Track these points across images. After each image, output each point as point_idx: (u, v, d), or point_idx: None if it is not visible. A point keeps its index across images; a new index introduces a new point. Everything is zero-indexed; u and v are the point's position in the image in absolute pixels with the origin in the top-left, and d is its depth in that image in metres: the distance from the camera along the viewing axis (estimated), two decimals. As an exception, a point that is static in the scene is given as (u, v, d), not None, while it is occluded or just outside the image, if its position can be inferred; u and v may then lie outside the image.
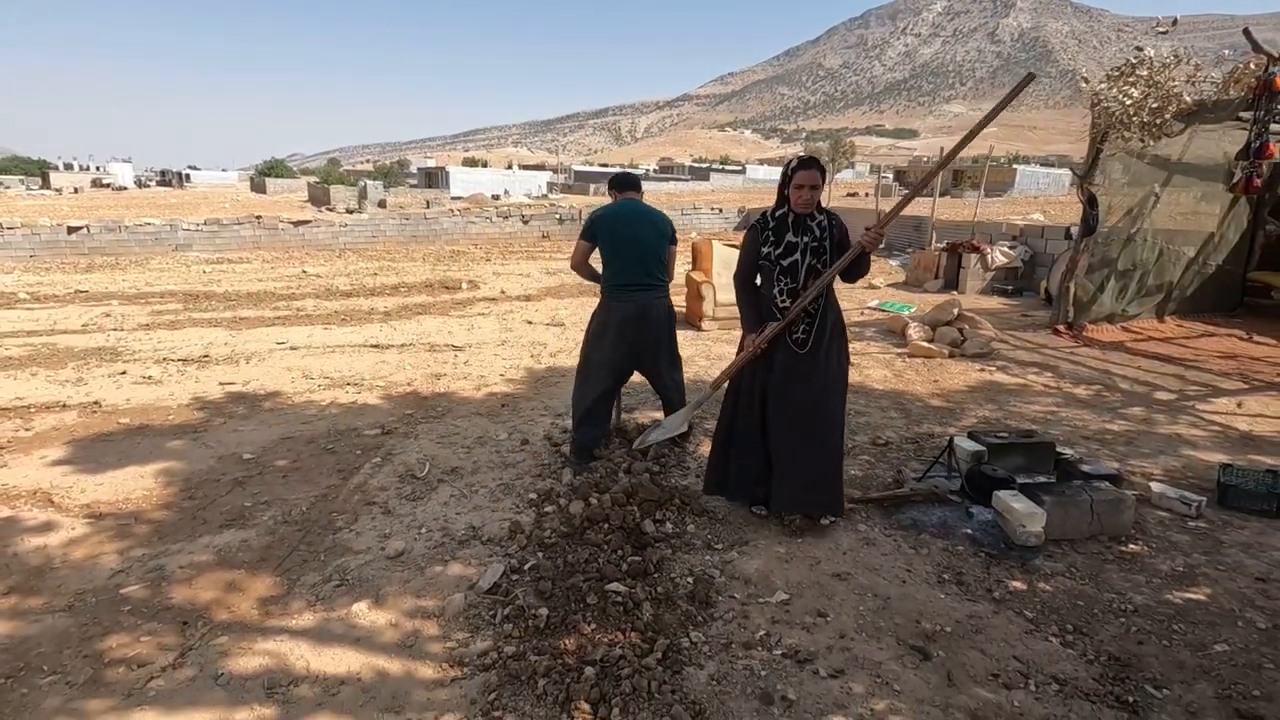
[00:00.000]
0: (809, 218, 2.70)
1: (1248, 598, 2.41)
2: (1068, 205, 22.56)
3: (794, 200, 2.66)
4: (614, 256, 3.43)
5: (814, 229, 2.70)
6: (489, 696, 1.92)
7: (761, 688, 1.95)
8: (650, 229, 3.46)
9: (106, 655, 2.11)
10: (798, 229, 2.70)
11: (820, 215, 2.71)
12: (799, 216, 2.70)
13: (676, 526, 2.88)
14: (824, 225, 2.71)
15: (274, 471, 3.47)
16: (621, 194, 3.58)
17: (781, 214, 2.73)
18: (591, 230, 3.42)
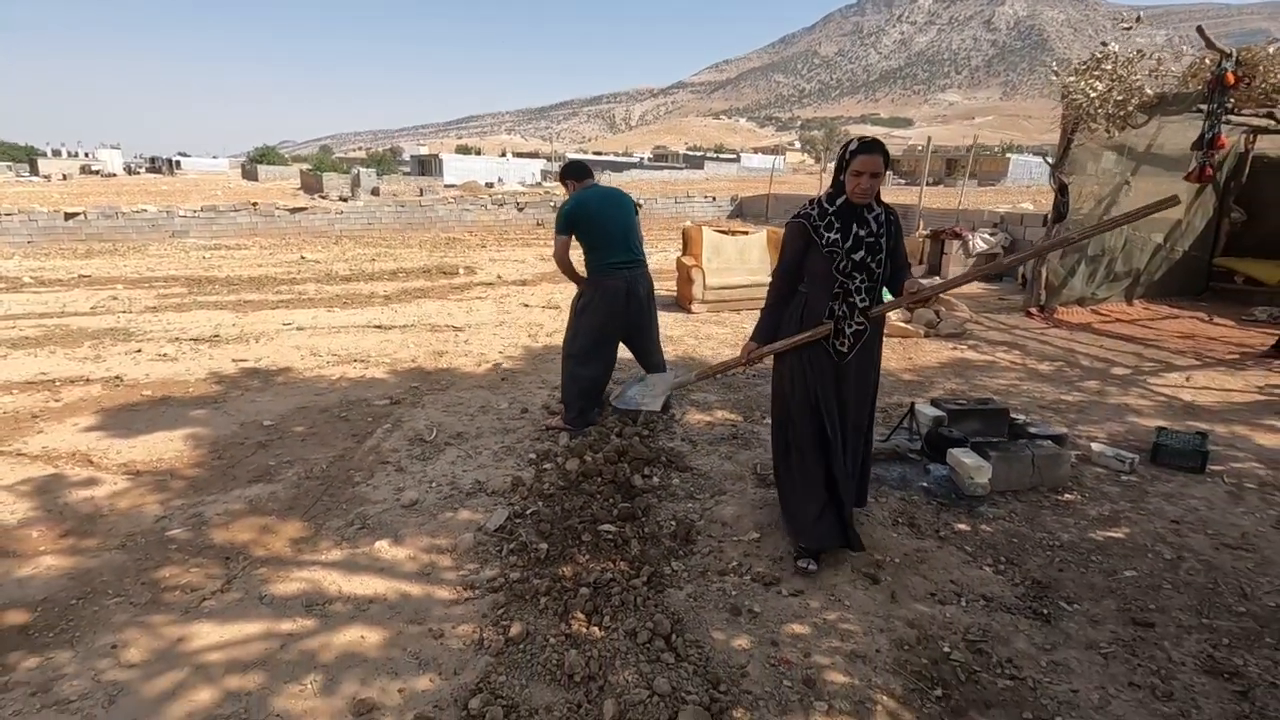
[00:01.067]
0: (866, 209, 2.35)
1: (1161, 535, 2.75)
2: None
3: (850, 188, 2.29)
4: (596, 242, 3.67)
5: (870, 223, 2.35)
6: (497, 611, 2.23)
7: (732, 603, 2.28)
8: (619, 209, 3.72)
9: (161, 583, 2.42)
10: (863, 222, 2.35)
11: (878, 208, 2.37)
12: (855, 207, 2.34)
13: (663, 480, 3.20)
14: (881, 220, 2.37)
15: (293, 436, 3.76)
16: (580, 182, 3.75)
17: (843, 202, 2.34)
18: (569, 223, 3.60)
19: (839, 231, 2.34)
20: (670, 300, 7.66)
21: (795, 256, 2.44)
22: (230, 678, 1.95)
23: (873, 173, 2.26)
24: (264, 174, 40.93)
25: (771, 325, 2.53)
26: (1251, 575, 2.49)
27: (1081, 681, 1.96)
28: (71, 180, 38.85)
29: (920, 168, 40.64)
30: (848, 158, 2.28)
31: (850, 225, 2.34)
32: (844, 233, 2.34)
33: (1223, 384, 4.79)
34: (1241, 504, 3.04)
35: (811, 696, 1.88)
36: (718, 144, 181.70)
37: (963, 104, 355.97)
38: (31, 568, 2.49)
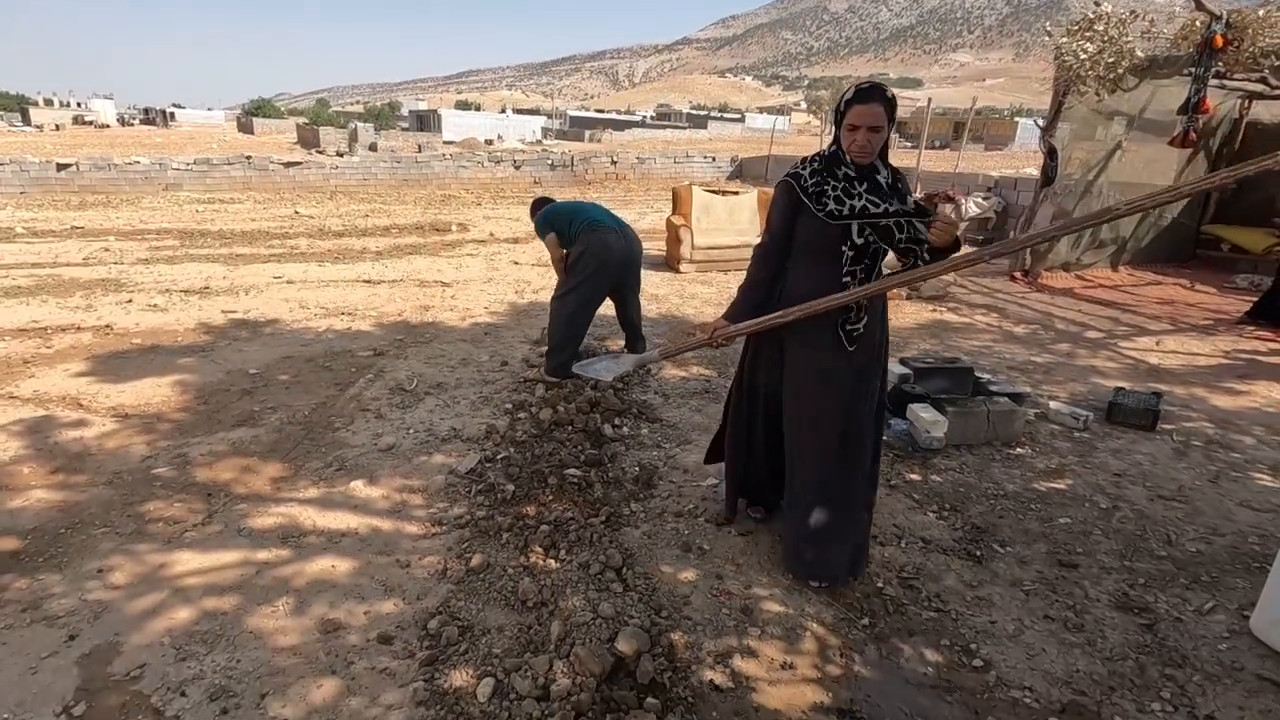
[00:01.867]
0: (872, 170, 1.96)
1: (1100, 487, 2.88)
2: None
3: (846, 144, 1.92)
4: (576, 213, 3.91)
5: (876, 184, 1.96)
6: (462, 545, 2.37)
7: (684, 541, 2.42)
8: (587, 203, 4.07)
9: (146, 516, 2.55)
10: (871, 184, 1.96)
11: (884, 169, 1.98)
12: (863, 169, 1.95)
13: (632, 430, 3.32)
14: (889, 182, 1.98)
15: (277, 384, 3.88)
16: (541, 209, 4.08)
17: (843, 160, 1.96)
18: (549, 224, 3.89)
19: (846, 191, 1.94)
20: (660, 260, 7.70)
21: (783, 224, 2.02)
22: (208, 599, 2.10)
23: (871, 126, 1.86)
24: (260, 127, 40.22)
25: (750, 306, 2.11)
26: (1179, 524, 2.63)
27: (1000, 614, 2.10)
28: (64, 131, 38.19)
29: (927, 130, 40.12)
30: (843, 108, 1.90)
31: (851, 186, 1.94)
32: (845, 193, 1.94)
33: (1191, 348, 4.88)
34: (1185, 460, 3.17)
35: (747, 623, 2.03)
36: (722, 103, 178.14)
37: (974, 65, 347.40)
38: (22, 500, 2.62)
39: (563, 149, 23.32)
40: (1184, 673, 1.88)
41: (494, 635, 1.94)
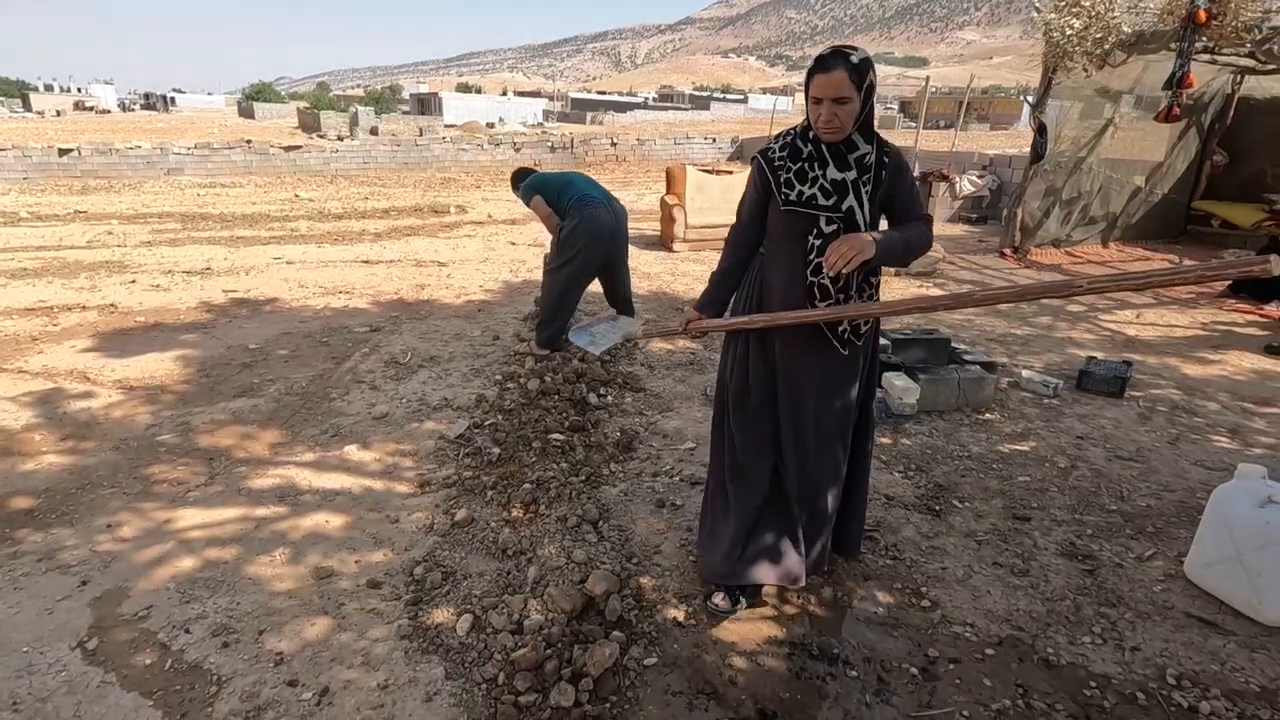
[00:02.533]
0: (846, 148, 1.69)
1: (1062, 448, 3.00)
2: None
3: (813, 120, 1.67)
4: (565, 185, 3.98)
5: (851, 164, 1.69)
6: (449, 502, 2.51)
7: (659, 498, 2.55)
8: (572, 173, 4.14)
9: (151, 477, 2.70)
10: (840, 162, 1.70)
11: (865, 146, 1.70)
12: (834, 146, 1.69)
13: (616, 399, 3.45)
14: (868, 161, 1.70)
15: (276, 358, 4.01)
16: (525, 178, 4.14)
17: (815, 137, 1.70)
18: (536, 187, 3.99)
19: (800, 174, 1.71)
20: (654, 239, 7.79)
21: (753, 206, 1.83)
22: (210, 550, 2.24)
23: (835, 98, 1.59)
24: (260, 112, 40.12)
25: (719, 294, 1.97)
26: (1133, 482, 2.75)
27: (952, 561, 2.23)
28: (65, 117, 38.20)
29: (931, 109, 39.57)
30: (806, 80, 1.66)
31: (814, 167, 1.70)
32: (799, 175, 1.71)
33: (1169, 320, 4.97)
34: (1147, 424, 3.28)
35: (712, 569, 2.16)
36: (725, 84, 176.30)
37: (981, 43, 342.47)
38: (35, 464, 2.77)
39: (563, 132, 23.26)
40: (1117, 611, 2.01)
41: (475, 579, 2.08)
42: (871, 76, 1.64)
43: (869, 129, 1.71)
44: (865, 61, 1.63)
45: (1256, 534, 1.90)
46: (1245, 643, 1.90)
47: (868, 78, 1.63)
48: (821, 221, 1.72)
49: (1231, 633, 1.93)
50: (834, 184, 1.70)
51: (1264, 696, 1.72)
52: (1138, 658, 1.84)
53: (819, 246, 1.72)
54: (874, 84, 1.66)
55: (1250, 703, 1.70)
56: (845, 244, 1.60)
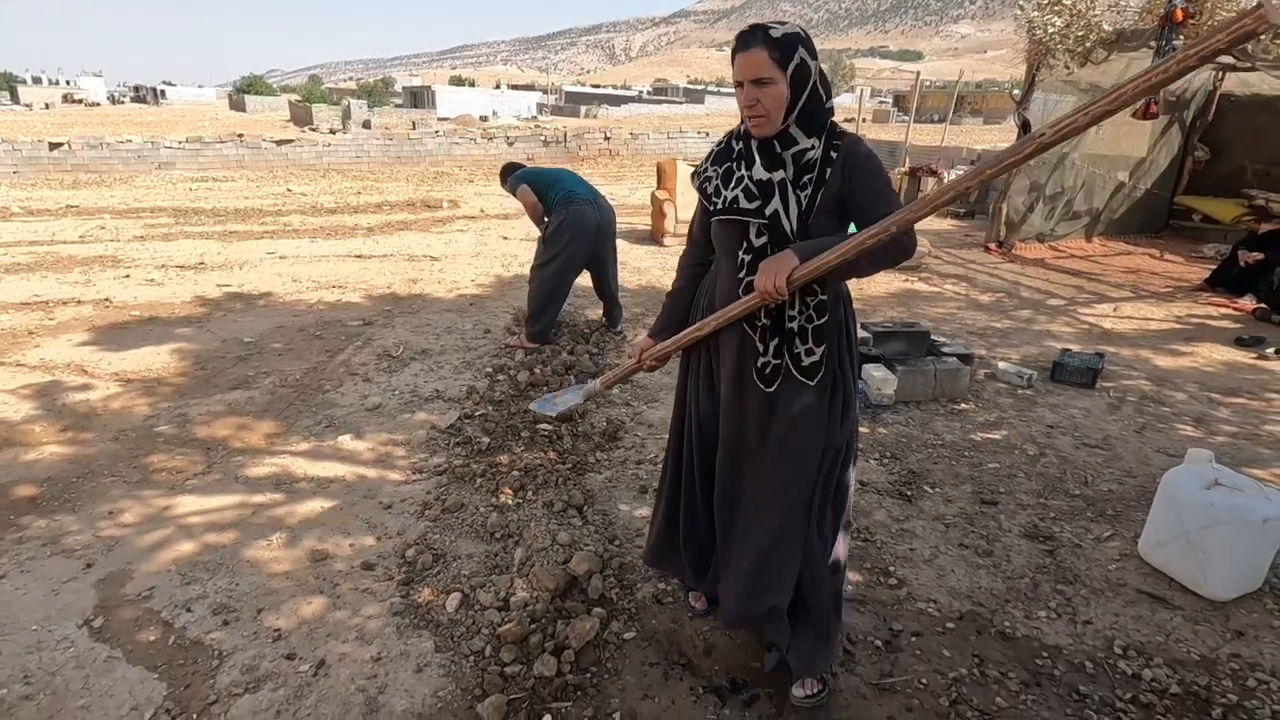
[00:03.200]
0: (781, 143, 1.44)
1: (1032, 436, 3.12)
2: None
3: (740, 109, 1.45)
4: (552, 181, 4.06)
5: (785, 162, 1.45)
6: (439, 489, 2.61)
7: (642, 484, 2.66)
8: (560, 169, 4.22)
9: (150, 467, 2.78)
10: (768, 159, 1.46)
11: (807, 141, 1.44)
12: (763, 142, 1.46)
13: (603, 391, 3.54)
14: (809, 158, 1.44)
15: (270, 351, 4.09)
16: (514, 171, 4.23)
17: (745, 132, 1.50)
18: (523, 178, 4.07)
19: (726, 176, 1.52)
20: (646, 234, 7.87)
21: (699, 217, 1.66)
22: (209, 535, 2.33)
23: (754, 79, 1.37)
24: (252, 105, 39.91)
25: (671, 317, 1.78)
26: (1098, 468, 2.86)
27: (920, 543, 2.34)
28: (54, 109, 37.92)
29: (924, 103, 39.62)
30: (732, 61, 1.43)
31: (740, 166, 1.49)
32: (725, 178, 1.52)
33: (1146, 314, 5.10)
34: (1116, 413, 3.40)
35: (691, 551, 2.27)
36: (719, 77, 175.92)
37: (976, 36, 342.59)
38: (36, 454, 2.85)
39: (557, 125, 23.27)
40: (1073, 588, 2.13)
41: (464, 561, 2.18)
42: (802, 56, 1.38)
43: (814, 122, 1.43)
44: (791, 37, 1.37)
45: (1202, 514, 2.02)
46: (1190, 616, 2.01)
47: (794, 56, 1.37)
48: (751, 231, 1.48)
49: (1178, 607, 2.05)
50: (759, 185, 1.45)
51: (1203, 665, 1.83)
52: (1089, 630, 1.95)
53: (748, 263, 1.49)
54: (806, 66, 1.38)
55: (1190, 670, 1.81)
56: (763, 273, 1.40)
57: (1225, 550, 1.99)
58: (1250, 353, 4.30)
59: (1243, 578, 2.04)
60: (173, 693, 1.70)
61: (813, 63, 1.41)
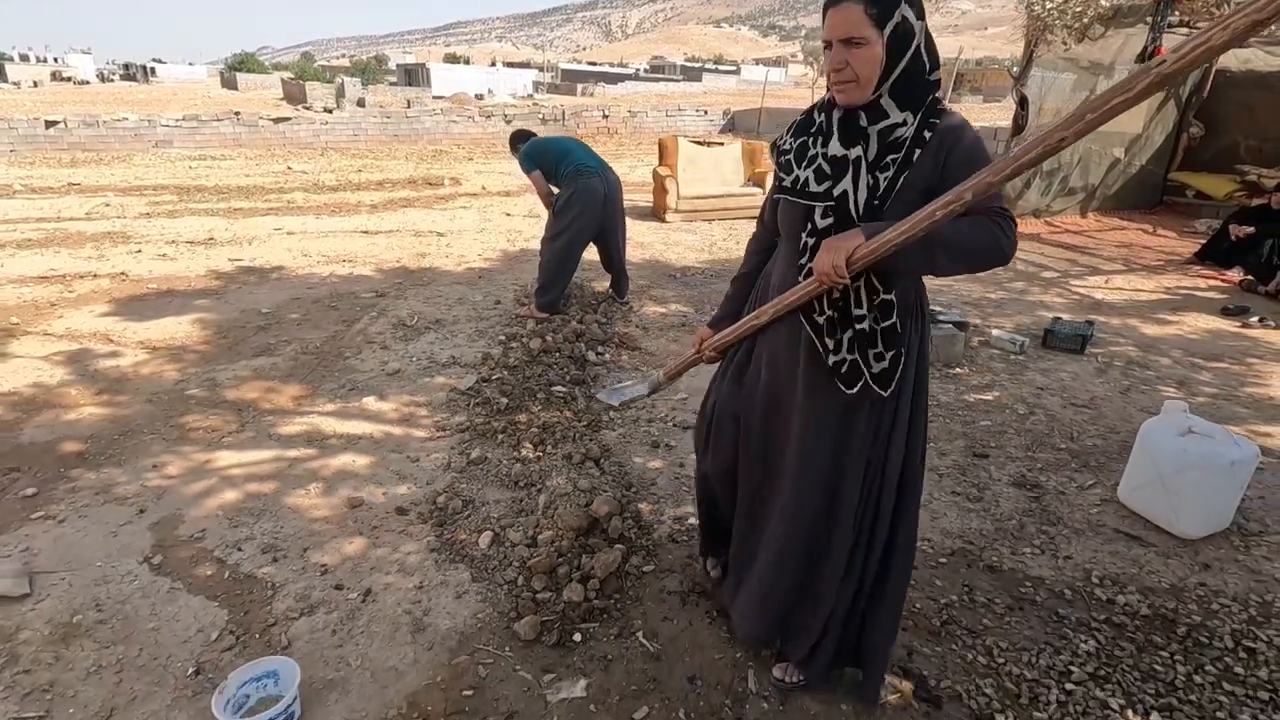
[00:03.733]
0: (868, 116, 1.27)
1: (1023, 397, 3.28)
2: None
3: (829, 76, 1.29)
4: (562, 154, 4.17)
5: (868, 137, 1.27)
6: (463, 444, 2.76)
7: (654, 439, 2.81)
8: (569, 139, 4.33)
9: (186, 426, 2.92)
10: (846, 134, 1.30)
11: (899, 115, 1.25)
12: (846, 114, 1.30)
13: (613, 357, 3.70)
14: (898, 136, 1.26)
15: (289, 321, 4.22)
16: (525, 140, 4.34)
17: (829, 101, 1.33)
18: (534, 159, 4.17)
19: (800, 152, 1.36)
20: (647, 210, 7.97)
21: (769, 199, 1.53)
22: (250, 485, 2.49)
23: (844, 39, 1.22)
24: (244, 83, 39.41)
25: (730, 306, 1.68)
26: (1084, 425, 3.03)
27: (916, 490, 2.50)
28: (43, 87, 37.36)
29: (922, 82, 39.31)
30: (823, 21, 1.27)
31: (817, 143, 1.33)
32: (799, 154, 1.36)
33: (1136, 285, 5.25)
34: (1104, 377, 3.57)
35: (703, 498, 2.43)
36: (717, 54, 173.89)
37: (976, 12, 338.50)
38: (76, 415, 2.99)
39: (554, 103, 23.14)
40: (1056, 529, 2.30)
41: (491, 505, 2.34)
42: (905, 14, 1.20)
43: (912, 93, 1.24)
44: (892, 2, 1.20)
45: (1176, 459, 2.18)
46: (1162, 552, 2.19)
47: (894, 14, 1.20)
48: (816, 214, 1.31)
49: (1152, 544, 2.22)
50: (832, 162, 1.29)
51: (1172, 592, 2.01)
52: (1069, 564, 2.13)
53: (812, 247, 1.33)
54: (909, 26, 1.21)
55: (1160, 597, 1.99)
56: (824, 251, 1.24)
57: (1196, 492, 2.16)
58: (1235, 321, 4.47)
59: (1211, 517, 2.21)
60: (234, 618, 1.86)
61: (918, 23, 1.22)
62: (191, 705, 1.59)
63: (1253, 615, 1.90)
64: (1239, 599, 1.97)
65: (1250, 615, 1.90)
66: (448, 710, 1.58)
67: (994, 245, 1.24)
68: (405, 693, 1.62)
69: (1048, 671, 1.71)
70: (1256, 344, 4.11)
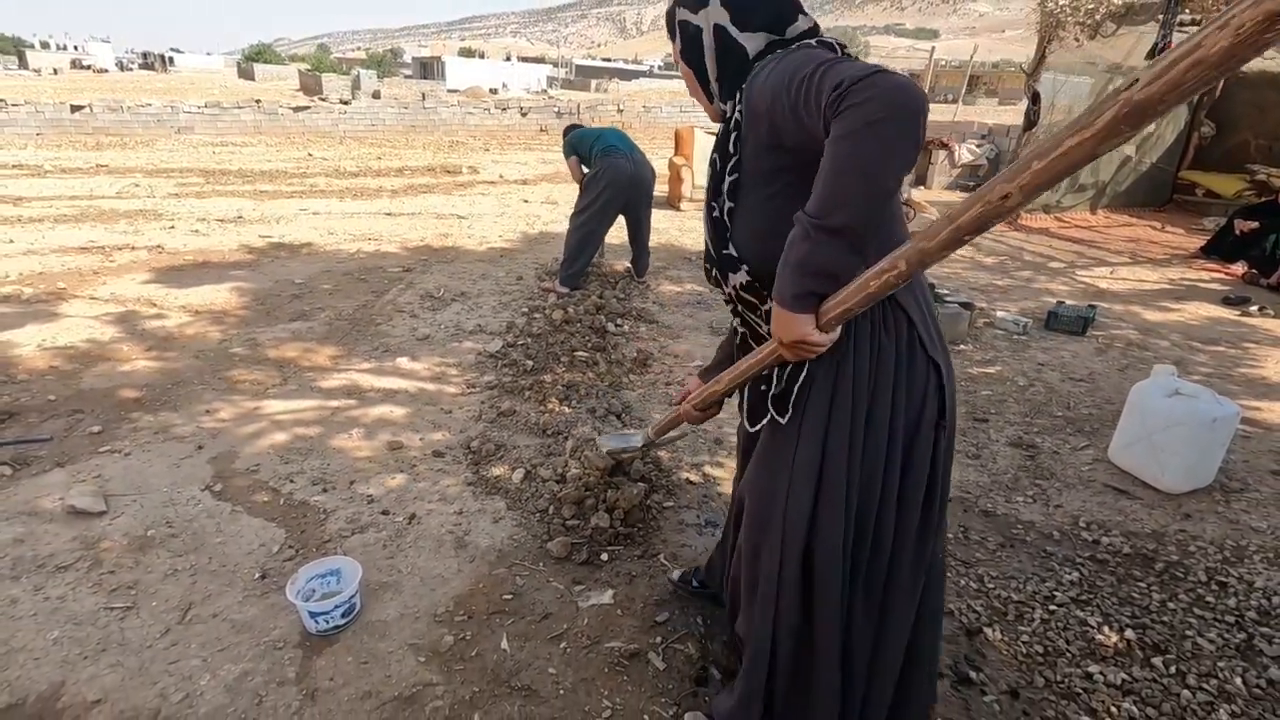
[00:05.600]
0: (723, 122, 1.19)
1: (1023, 371, 3.43)
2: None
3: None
4: (595, 138, 4.37)
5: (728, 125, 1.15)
6: (493, 400, 2.94)
7: (669, 400, 2.98)
8: (609, 129, 4.47)
9: (233, 379, 3.12)
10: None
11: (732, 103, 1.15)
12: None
13: (631, 329, 3.87)
14: (732, 118, 1.14)
15: (321, 291, 4.41)
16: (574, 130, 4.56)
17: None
18: (573, 147, 4.40)
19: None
20: (662, 199, 8.13)
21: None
22: (297, 429, 2.67)
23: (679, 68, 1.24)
24: (260, 73, 39.85)
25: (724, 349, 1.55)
26: (1080, 396, 3.18)
27: (918, 448, 2.66)
28: (63, 75, 37.90)
29: (939, 82, 39.22)
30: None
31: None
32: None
33: (1140, 276, 5.38)
34: (1103, 356, 3.71)
35: (718, 449, 2.60)
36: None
37: (994, 15, 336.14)
38: (130, 367, 3.19)
39: (569, 98, 23.33)
40: (1049, 482, 2.46)
41: (522, 449, 2.52)
42: (684, 16, 1.18)
43: (738, 82, 1.13)
44: (669, 12, 1.22)
45: (1163, 418, 2.33)
46: (1147, 503, 2.34)
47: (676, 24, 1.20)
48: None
49: (1138, 497, 2.38)
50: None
51: (1153, 536, 2.16)
52: (1059, 511, 2.28)
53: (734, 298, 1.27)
54: (687, 25, 1.17)
55: (1141, 540, 2.14)
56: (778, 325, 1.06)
57: (1180, 447, 2.31)
58: (1235, 310, 4.59)
59: (1195, 472, 2.36)
60: (291, 535, 2.05)
61: (698, 14, 1.14)
62: (261, 602, 1.78)
63: (1227, 556, 2.06)
64: (1215, 543, 2.12)
65: (1225, 556, 2.06)
66: (490, 610, 1.76)
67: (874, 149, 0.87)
68: (452, 595, 1.80)
69: (1033, 596, 1.87)
70: (1254, 330, 4.23)
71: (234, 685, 1.52)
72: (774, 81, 1.00)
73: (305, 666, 1.58)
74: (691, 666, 1.62)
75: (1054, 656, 1.67)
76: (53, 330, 3.57)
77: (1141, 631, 1.74)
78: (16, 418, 2.68)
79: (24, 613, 1.72)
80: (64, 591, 1.80)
